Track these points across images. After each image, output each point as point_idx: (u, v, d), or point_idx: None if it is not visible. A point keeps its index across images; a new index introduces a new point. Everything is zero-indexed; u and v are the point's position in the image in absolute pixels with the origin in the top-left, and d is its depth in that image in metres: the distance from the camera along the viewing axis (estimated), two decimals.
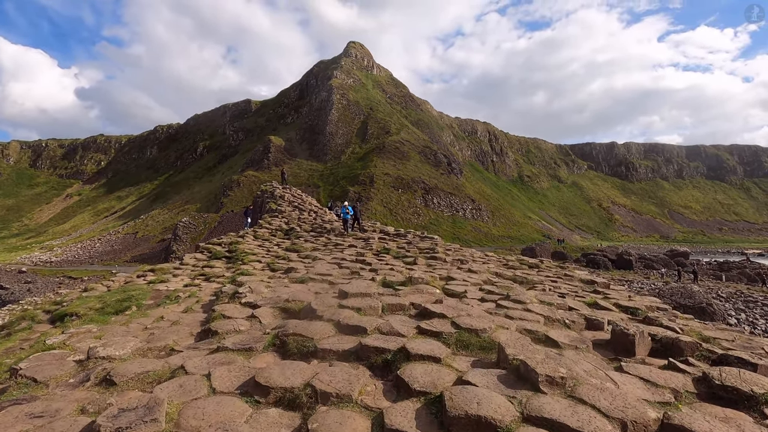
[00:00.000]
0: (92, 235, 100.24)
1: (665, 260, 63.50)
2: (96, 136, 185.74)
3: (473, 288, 7.95)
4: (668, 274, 51.73)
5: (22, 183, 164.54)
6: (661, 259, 64.01)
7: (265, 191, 36.57)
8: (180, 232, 67.57)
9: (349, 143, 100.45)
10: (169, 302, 10.25)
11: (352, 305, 5.32)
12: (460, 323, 4.54)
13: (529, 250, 58.56)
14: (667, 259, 64.56)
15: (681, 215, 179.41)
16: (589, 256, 62.55)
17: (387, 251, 14.19)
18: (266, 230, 22.60)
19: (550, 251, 61.83)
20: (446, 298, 5.97)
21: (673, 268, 60.41)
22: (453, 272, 10.42)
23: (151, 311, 8.17)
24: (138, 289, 12.71)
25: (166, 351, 4.42)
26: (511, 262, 14.35)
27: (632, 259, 60.01)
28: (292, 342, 4.08)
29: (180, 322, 5.92)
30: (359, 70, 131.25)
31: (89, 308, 11.53)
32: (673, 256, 69.31)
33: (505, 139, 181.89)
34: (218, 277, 13.48)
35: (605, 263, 57.38)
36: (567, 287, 9.85)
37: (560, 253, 63.73)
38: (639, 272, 55.23)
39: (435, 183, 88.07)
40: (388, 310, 5.42)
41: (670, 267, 60.61)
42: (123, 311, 10.32)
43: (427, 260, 12.57)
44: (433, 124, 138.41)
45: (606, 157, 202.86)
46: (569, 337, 4.79)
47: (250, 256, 15.88)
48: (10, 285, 56.44)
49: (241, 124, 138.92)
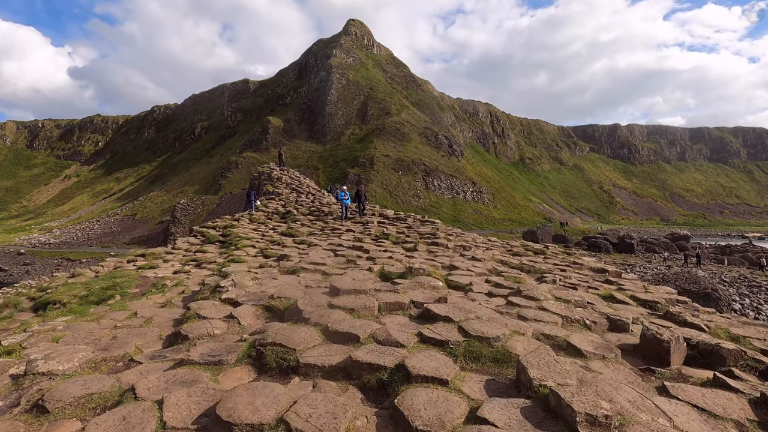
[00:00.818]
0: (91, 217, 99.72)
1: (666, 243, 62.94)
2: (93, 117, 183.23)
3: (479, 279, 7.31)
4: (670, 257, 51.26)
5: (20, 164, 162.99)
6: (663, 243, 63.43)
7: (262, 173, 35.73)
8: (178, 215, 66.95)
9: (349, 124, 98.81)
10: (153, 291, 9.66)
11: (345, 305, 4.70)
12: (469, 329, 3.90)
13: (530, 233, 58.01)
14: (668, 242, 63.98)
15: (682, 198, 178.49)
16: (590, 239, 62.02)
17: (386, 236, 13.53)
18: (262, 213, 21.92)
19: (552, 234, 61.24)
20: (451, 293, 5.32)
21: (675, 251, 60.02)
22: (456, 260, 9.79)
23: (131, 303, 7.57)
24: (125, 275, 12.11)
25: (123, 362, 3.79)
26: (515, 248, 13.71)
27: (633, 242, 59.53)
28: (271, 354, 3.45)
29: (153, 320, 5.30)
30: (359, 49, 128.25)
31: (73, 296, 10.94)
32: (675, 239, 68.74)
33: (507, 121, 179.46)
34: (210, 263, 12.87)
35: (606, 247, 56.92)
36: (577, 277, 9.23)
37: (561, 236, 63.21)
38: (641, 256, 54.80)
39: (436, 165, 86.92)
40: (386, 309, 4.78)
41: (672, 250, 60.16)
42: (106, 300, 9.73)
43: (428, 246, 11.92)
44: (434, 105, 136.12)
45: (608, 140, 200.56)
46: (593, 342, 4.16)
47: (244, 241, 15.24)
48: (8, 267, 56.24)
49: (240, 105, 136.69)
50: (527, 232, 59.57)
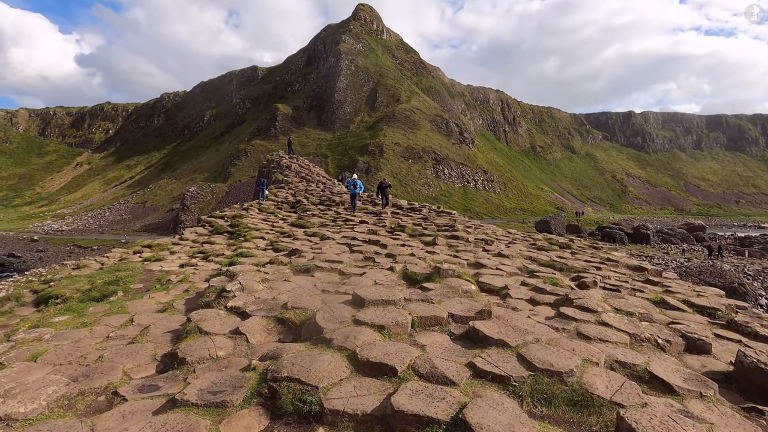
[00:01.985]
0: (102, 204, 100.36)
1: (683, 234, 61.39)
2: (103, 104, 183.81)
3: (513, 281, 6.54)
4: (689, 249, 49.85)
5: (33, 151, 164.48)
6: (679, 234, 61.88)
7: (271, 161, 35.01)
8: (188, 202, 66.80)
9: (358, 111, 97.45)
10: (157, 288, 9.04)
11: (372, 320, 3.97)
12: (532, 358, 3.14)
13: (543, 223, 56.85)
14: (685, 233, 62.39)
15: (697, 187, 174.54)
16: (604, 229, 60.65)
17: (402, 228, 12.77)
18: (271, 203, 21.27)
19: (565, 224, 59.97)
20: (489, 302, 4.56)
21: (692, 242, 58.47)
22: (480, 256, 9.02)
23: (131, 303, 6.95)
24: (130, 268, 11.54)
25: (106, 396, 3.09)
26: (539, 241, 12.87)
27: (649, 233, 58.10)
28: (287, 393, 2.73)
29: (149, 330, 4.62)
30: (368, 34, 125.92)
31: (76, 289, 10.41)
32: (691, 230, 67.05)
33: (518, 108, 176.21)
34: (217, 255, 12.25)
35: (621, 237, 55.60)
36: (615, 276, 8.42)
37: (575, 226, 61.97)
38: (656, 247, 53.43)
39: (446, 153, 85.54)
40: (421, 325, 4.04)
41: (689, 241, 58.65)
42: (108, 296, 9.16)
43: (448, 240, 11.15)
44: (444, 92, 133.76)
45: (622, 127, 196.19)
46: (679, 372, 3.39)
47: (253, 232, 14.61)
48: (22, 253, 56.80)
49: (248, 92, 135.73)
50: (540, 222, 58.37)
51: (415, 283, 5.69)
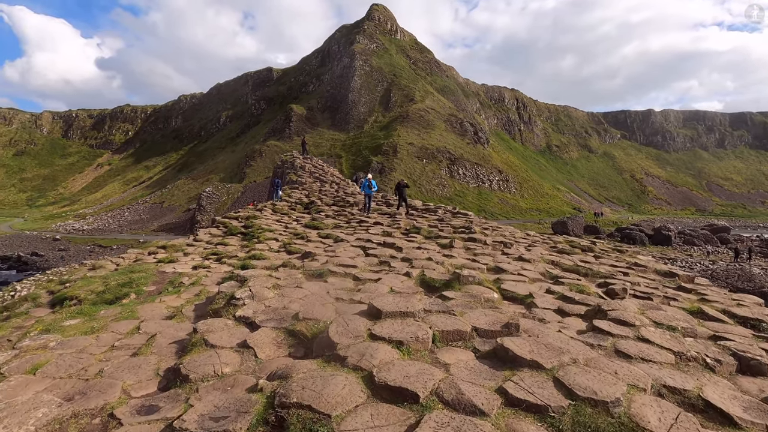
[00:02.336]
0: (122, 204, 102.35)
1: (706, 236, 59.41)
2: (123, 107, 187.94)
3: (536, 288, 6.16)
4: (713, 251, 48.22)
5: (56, 153, 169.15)
6: (702, 235, 59.90)
7: (285, 161, 35.03)
8: (204, 202, 67.58)
9: (372, 112, 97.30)
10: (169, 291, 8.91)
11: (390, 334, 3.65)
12: (570, 382, 2.78)
13: (560, 224, 55.73)
14: (708, 234, 60.39)
15: (720, 187, 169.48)
16: (624, 231, 59.12)
17: (417, 231, 12.44)
18: (285, 203, 21.17)
19: (583, 225, 58.71)
20: (520, 318, 4.18)
21: (716, 244, 56.57)
22: (500, 260, 8.64)
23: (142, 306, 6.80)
24: (144, 270, 11.49)
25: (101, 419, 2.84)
26: (560, 244, 12.39)
27: (671, 234, 56.41)
28: (296, 422, 2.42)
29: (155, 340, 4.42)
30: (382, 34, 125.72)
31: (90, 291, 10.38)
32: (714, 231, 64.95)
33: (533, 107, 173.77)
34: (230, 257, 12.12)
35: (642, 238, 54.12)
36: (644, 282, 7.94)
37: (593, 227, 60.59)
38: (679, 249, 51.86)
39: (461, 153, 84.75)
40: (442, 340, 3.70)
41: (712, 243, 56.78)
42: (121, 298, 9.08)
43: (465, 243, 10.77)
44: (458, 92, 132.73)
45: (641, 126, 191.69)
46: (735, 397, 3.00)
47: (267, 234, 14.46)
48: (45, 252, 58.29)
49: (263, 93, 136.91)
50: (557, 223, 57.26)
51: (434, 290, 5.36)
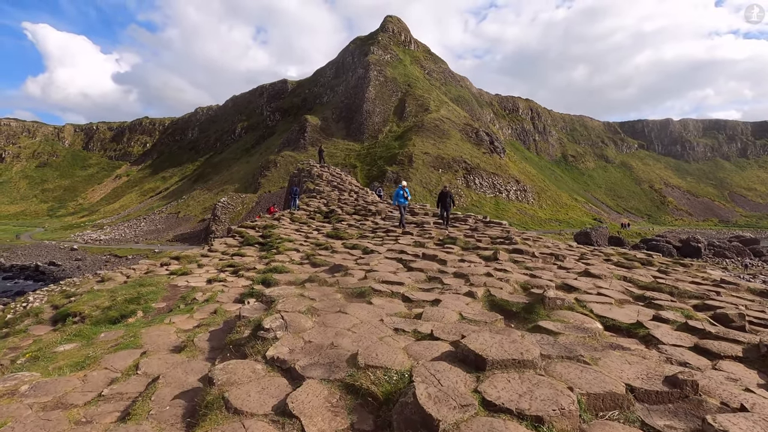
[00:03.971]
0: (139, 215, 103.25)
1: (738, 248, 56.67)
2: (141, 119, 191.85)
3: (634, 313, 4.97)
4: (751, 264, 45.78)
5: (76, 164, 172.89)
6: (734, 247, 57.21)
7: (302, 170, 34.29)
8: (219, 213, 67.42)
9: (387, 121, 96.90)
10: (180, 309, 7.91)
11: (512, 401, 2.48)
12: None
13: (583, 235, 53.84)
14: (740, 246, 57.62)
15: (743, 198, 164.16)
16: (649, 242, 56.79)
17: (453, 241, 11.33)
18: (304, 212, 20.27)
19: (607, 236, 56.67)
20: (676, 368, 2.96)
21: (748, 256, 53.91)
22: (561, 275, 7.49)
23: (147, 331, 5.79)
24: (155, 283, 10.57)
25: None
26: (612, 257, 11.14)
27: (701, 246, 53.99)
28: None
29: (156, 389, 3.28)
30: (396, 45, 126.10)
31: (96, 306, 9.48)
32: (746, 243, 62.06)
33: (548, 117, 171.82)
34: (248, 269, 11.16)
35: (669, 250, 51.74)
36: (743, 304, 6.71)
37: (617, 238, 58.49)
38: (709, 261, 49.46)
39: (477, 162, 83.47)
40: (589, 410, 2.53)
41: (744, 255, 54.17)
42: (127, 316, 8.12)
43: (510, 254, 9.63)
44: (473, 102, 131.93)
45: (659, 135, 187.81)
46: None
47: (286, 244, 13.50)
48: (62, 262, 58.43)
49: (278, 105, 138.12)
50: (580, 234, 55.36)
51: (514, 317, 4.26)
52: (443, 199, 14.85)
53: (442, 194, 15.00)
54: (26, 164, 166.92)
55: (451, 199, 14.73)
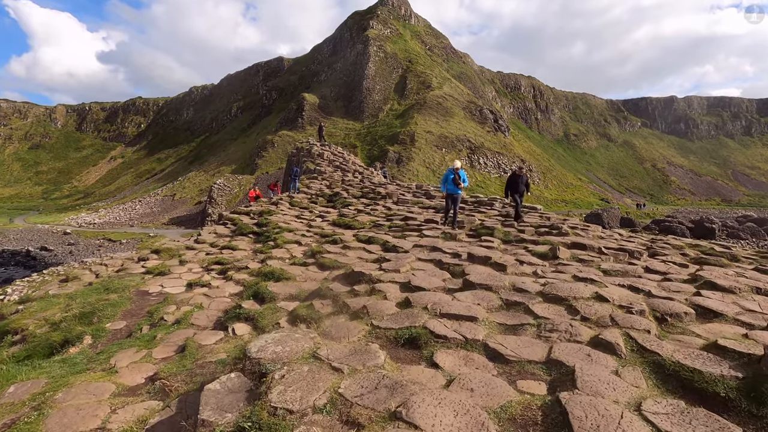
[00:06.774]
0: (134, 197, 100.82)
1: (753, 229, 54.93)
2: (135, 99, 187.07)
3: None
4: None
5: (70, 146, 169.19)
6: (748, 228, 55.48)
7: (301, 149, 31.92)
8: (215, 195, 65.19)
9: (387, 99, 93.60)
10: (141, 335, 5.79)
11: None
12: None
13: (594, 216, 51.92)
14: (755, 227, 55.84)
15: (747, 176, 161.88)
16: (662, 223, 55.01)
17: (490, 232, 9.24)
18: (304, 195, 18.08)
19: (619, 217, 54.76)
20: None
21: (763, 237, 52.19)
22: (676, 288, 5.48)
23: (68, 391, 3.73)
24: (122, 288, 8.46)
25: None
26: (688, 249, 9.08)
27: (715, 227, 52.24)
28: None
29: None
30: (396, 19, 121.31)
31: (44, 320, 7.35)
32: (760, 223, 60.29)
33: (550, 95, 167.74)
34: (239, 269, 9.06)
35: (683, 231, 49.97)
36: None
37: (628, 219, 56.66)
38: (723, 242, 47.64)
39: (481, 141, 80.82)
40: None
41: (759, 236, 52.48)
42: (71, 342, 6.01)
43: (571, 250, 7.55)
44: (476, 79, 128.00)
45: (663, 113, 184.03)
46: None
47: (286, 234, 11.38)
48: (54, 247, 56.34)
49: (274, 83, 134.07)
50: (590, 215, 53.37)
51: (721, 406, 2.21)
52: (513, 183, 11.30)
53: (512, 178, 11.47)
54: (19, 146, 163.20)
55: (525, 184, 11.40)
